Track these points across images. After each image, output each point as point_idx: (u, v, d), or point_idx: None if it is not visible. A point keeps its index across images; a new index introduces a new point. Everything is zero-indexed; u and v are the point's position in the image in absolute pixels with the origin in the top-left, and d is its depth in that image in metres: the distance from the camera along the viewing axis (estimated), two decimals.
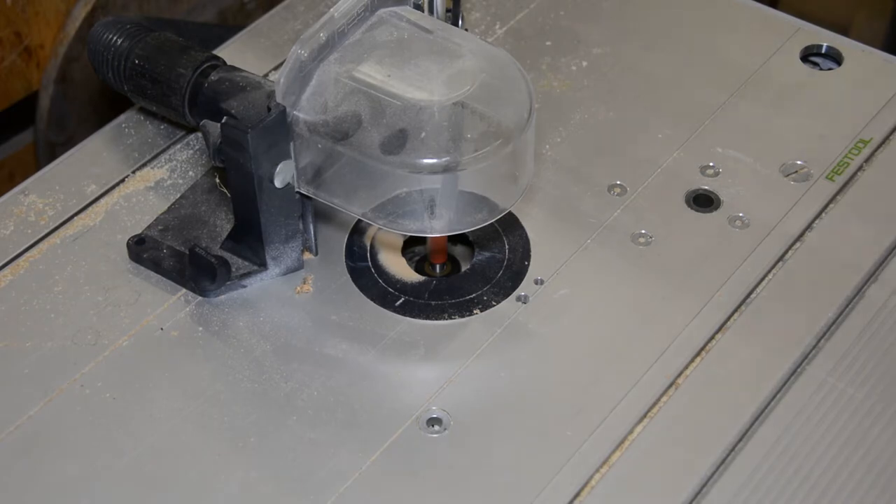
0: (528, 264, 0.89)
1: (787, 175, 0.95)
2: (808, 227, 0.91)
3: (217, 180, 0.93)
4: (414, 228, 0.82)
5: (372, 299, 0.88)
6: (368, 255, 0.91)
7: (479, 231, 0.90)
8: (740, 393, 0.81)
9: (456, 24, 0.94)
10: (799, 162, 0.95)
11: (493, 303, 0.87)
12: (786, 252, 0.90)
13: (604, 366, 0.83)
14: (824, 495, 0.76)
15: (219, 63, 0.92)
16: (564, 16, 1.09)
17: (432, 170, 0.78)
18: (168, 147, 0.98)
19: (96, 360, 0.83)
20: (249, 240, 0.87)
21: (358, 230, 0.92)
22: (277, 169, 0.82)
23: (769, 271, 0.89)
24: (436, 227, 0.82)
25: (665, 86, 1.02)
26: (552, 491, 0.76)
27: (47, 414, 0.81)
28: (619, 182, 0.94)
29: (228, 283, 0.87)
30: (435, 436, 0.80)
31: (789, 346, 0.84)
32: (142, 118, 1.00)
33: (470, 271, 0.90)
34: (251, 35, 1.08)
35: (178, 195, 0.93)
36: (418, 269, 0.90)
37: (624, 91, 1.02)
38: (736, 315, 0.86)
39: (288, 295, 0.87)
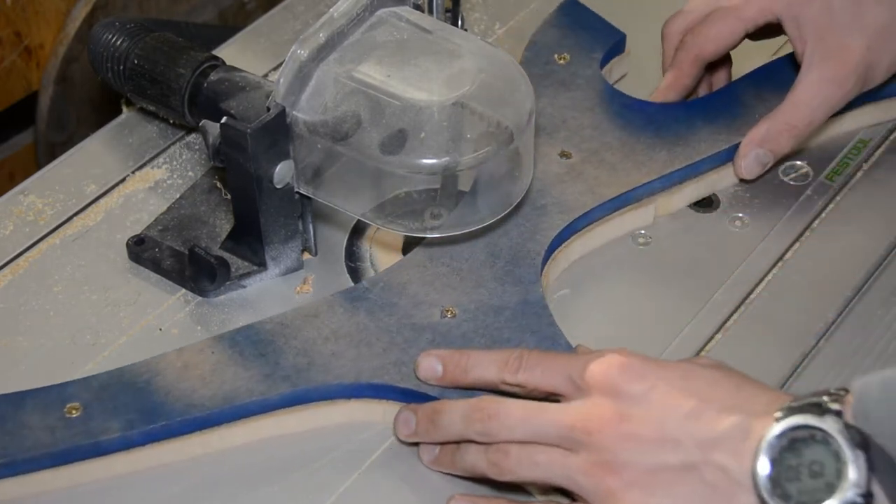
0: None
1: (787, 175, 0.95)
2: (808, 227, 0.91)
3: (216, 180, 0.93)
4: (414, 228, 0.82)
5: None
6: (368, 255, 0.91)
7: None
8: None
9: (456, 24, 0.94)
10: (798, 162, 0.95)
11: None
12: (786, 252, 0.90)
13: None
14: None
15: (218, 63, 0.92)
16: None
17: (432, 170, 0.78)
18: (168, 147, 0.98)
19: (95, 360, 0.83)
20: (249, 240, 0.87)
21: (358, 230, 0.92)
22: (277, 169, 0.82)
23: (769, 271, 0.88)
24: (435, 227, 0.82)
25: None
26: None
27: None
28: None
29: (228, 283, 0.87)
30: None
31: (789, 347, 0.84)
32: (142, 118, 1.00)
33: None
34: (251, 35, 1.08)
35: (178, 195, 0.93)
36: None
37: None
38: (736, 315, 0.86)
39: (288, 295, 0.87)
